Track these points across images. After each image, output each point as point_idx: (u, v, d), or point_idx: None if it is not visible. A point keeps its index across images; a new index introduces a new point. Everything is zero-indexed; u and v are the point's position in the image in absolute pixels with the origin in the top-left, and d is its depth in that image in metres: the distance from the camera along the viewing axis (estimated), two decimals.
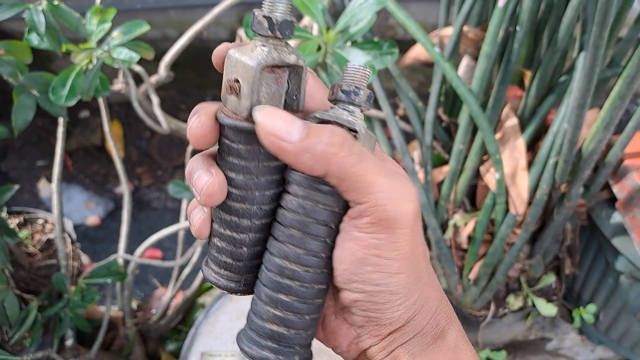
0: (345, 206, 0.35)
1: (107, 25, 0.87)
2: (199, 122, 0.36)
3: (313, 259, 0.35)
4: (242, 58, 0.34)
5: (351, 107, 0.35)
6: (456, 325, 0.38)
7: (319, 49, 0.82)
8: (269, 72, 0.34)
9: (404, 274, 0.35)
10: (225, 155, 0.36)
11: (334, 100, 0.36)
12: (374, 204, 0.33)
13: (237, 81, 0.34)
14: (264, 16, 0.34)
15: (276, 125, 0.32)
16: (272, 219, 0.37)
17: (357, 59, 0.79)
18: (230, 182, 0.36)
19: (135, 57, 0.87)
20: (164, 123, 1.04)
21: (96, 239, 2.20)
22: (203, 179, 0.35)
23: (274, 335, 0.36)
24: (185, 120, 2.23)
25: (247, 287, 0.39)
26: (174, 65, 1.13)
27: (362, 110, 0.36)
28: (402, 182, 0.34)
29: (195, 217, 0.38)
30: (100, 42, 0.89)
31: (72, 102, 0.84)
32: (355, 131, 0.35)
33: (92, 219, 2.25)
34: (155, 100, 1.02)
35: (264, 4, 0.35)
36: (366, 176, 0.33)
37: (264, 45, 0.34)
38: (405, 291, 0.35)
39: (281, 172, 0.36)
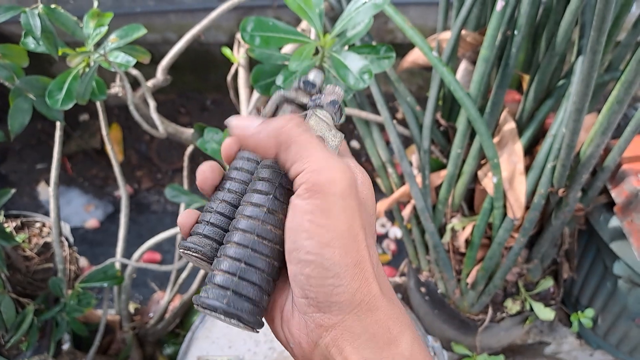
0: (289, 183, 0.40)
1: (104, 29, 0.87)
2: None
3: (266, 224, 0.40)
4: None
5: (319, 110, 0.44)
6: (411, 334, 0.38)
7: (317, 52, 0.82)
8: (287, 104, 0.47)
9: (337, 249, 0.36)
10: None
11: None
12: (309, 170, 0.37)
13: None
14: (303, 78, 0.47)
15: (240, 122, 0.40)
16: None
17: (354, 63, 0.78)
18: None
19: (132, 61, 0.86)
20: (161, 127, 1.04)
21: (95, 242, 2.20)
22: None
23: (229, 284, 0.38)
24: (184, 123, 2.23)
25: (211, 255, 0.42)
26: (174, 69, 1.13)
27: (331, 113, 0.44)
28: (340, 160, 0.38)
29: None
30: (98, 45, 0.89)
31: (69, 106, 0.84)
32: (304, 108, 0.45)
33: (92, 222, 2.25)
34: (152, 104, 1.02)
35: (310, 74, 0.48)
36: (307, 146, 0.38)
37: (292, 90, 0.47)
38: (341, 272, 0.36)
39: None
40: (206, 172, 0.44)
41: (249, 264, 0.38)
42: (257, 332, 0.40)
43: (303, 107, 0.45)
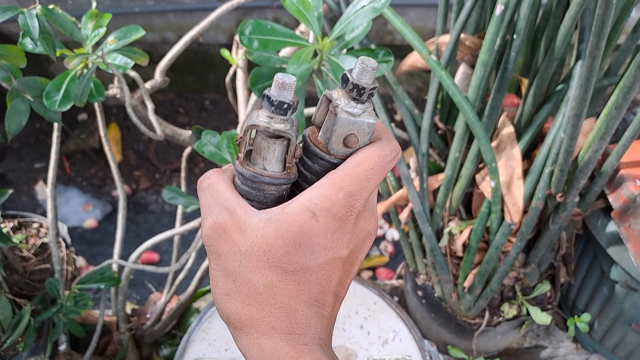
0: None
1: (103, 30, 0.87)
2: None
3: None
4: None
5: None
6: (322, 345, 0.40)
7: (315, 55, 0.82)
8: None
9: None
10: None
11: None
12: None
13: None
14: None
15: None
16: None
17: (351, 66, 0.78)
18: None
19: (130, 63, 0.86)
20: (159, 129, 1.04)
21: (93, 242, 2.20)
22: None
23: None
24: (183, 124, 2.22)
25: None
26: (173, 69, 1.13)
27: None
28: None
29: None
30: (96, 46, 0.89)
31: (66, 107, 0.84)
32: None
33: (90, 222, 2.25)
34: (149, 106, 1.02)
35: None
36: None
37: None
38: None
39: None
40: None
41: None
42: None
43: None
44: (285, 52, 1.16)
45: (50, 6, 0.82)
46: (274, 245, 0.39)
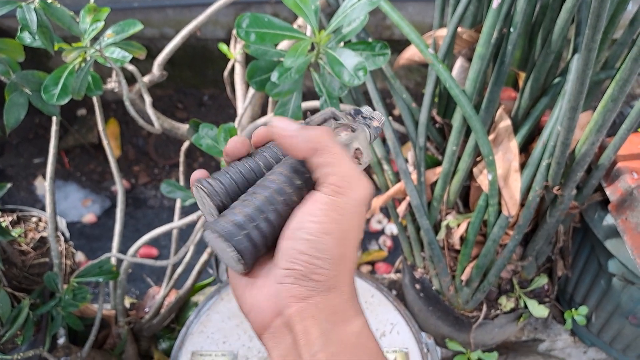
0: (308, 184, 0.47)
1: (101, 24, 0.87)
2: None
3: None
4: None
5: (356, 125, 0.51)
6: (364, 318, 0.45)
7: (312, 49, 0.82)
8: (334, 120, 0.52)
9: (334, 240, 0.42)
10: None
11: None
12: (340, 174, 0.44)
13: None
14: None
15: (282, 123, 0.45)
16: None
17: (349, 59, 0.78)
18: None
19: (128, 56, 0.87)
20: (157, 123, 1.04)
21: (92, 237, 2.20)
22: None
23: (246, 227, 0.44)
24: (181, 119, 2.23)
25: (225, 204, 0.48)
26: (171, 64, 1.13)
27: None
28: (366, 176, 0.46)
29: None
30: (94, 40, 0.89)
31: (64, 101, 0.84)
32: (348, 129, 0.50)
33: (89, 217, 2.26)
34: (147, 99, 1.02)
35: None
36: (340, 156, 0.44)
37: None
38: (329, 258, 0.42)
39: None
40: (238, 143, 0.49)
41: (267, 219, 0.44)
42: (244, 272, 0.45)
43: (346, 128, 0.50)
44: (283, 45, 1.16)
45: (49, 0, 0.82)
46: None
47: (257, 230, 0.44)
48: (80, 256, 2.07)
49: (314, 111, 0.59)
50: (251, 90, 1.19)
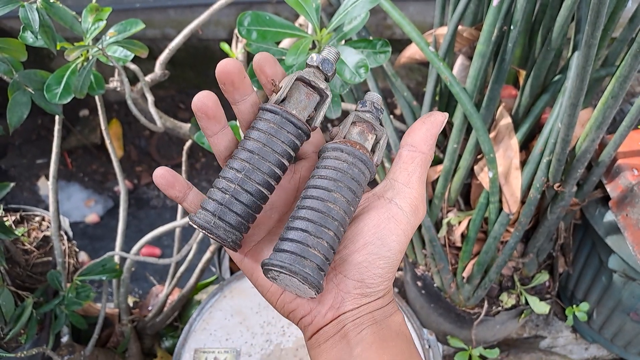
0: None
1: (103, 24, 0.87)
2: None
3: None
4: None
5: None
6: (402, 315, 0.48)
7: (313, 47, 0.83)
8: (303, 85, 0.48)
9: (400, 246, 0.45)
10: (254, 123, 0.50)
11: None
12: (415, 196, 0.46)
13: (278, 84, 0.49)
14: (320, 56, 0.49)
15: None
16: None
17: (350, 57, 0.79)
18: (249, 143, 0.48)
19: (130, 55, 0.87)
20: (159, 121, 1.05)
21: (95, 237, 2.21)
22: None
23: (293, 247, 0.43)
24: (184, 119, 2.24)
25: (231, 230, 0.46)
26: (174, 65, 1.13)
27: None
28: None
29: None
30: (96, 40, 0.89)
31: (67, 100, 0.85)
32: (319, 91, 0.49)
33: (92, 217, 2.26)
34: (150, 98, 1.03)
35: (324, 51, 0.50)
36: (420, 179, 0.48)
37: (309, 69, 0.49)
38: (392, 267, 0.45)
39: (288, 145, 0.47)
40: (229, 66, 0.50)
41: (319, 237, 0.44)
42: (315, 296, 0.45)
43: (317, 90, 0.49)
44: (284, 43, 1.16)
45: (51, 0, 0.82)
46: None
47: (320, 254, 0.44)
48: (83, 256, 2.07)
49: None
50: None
